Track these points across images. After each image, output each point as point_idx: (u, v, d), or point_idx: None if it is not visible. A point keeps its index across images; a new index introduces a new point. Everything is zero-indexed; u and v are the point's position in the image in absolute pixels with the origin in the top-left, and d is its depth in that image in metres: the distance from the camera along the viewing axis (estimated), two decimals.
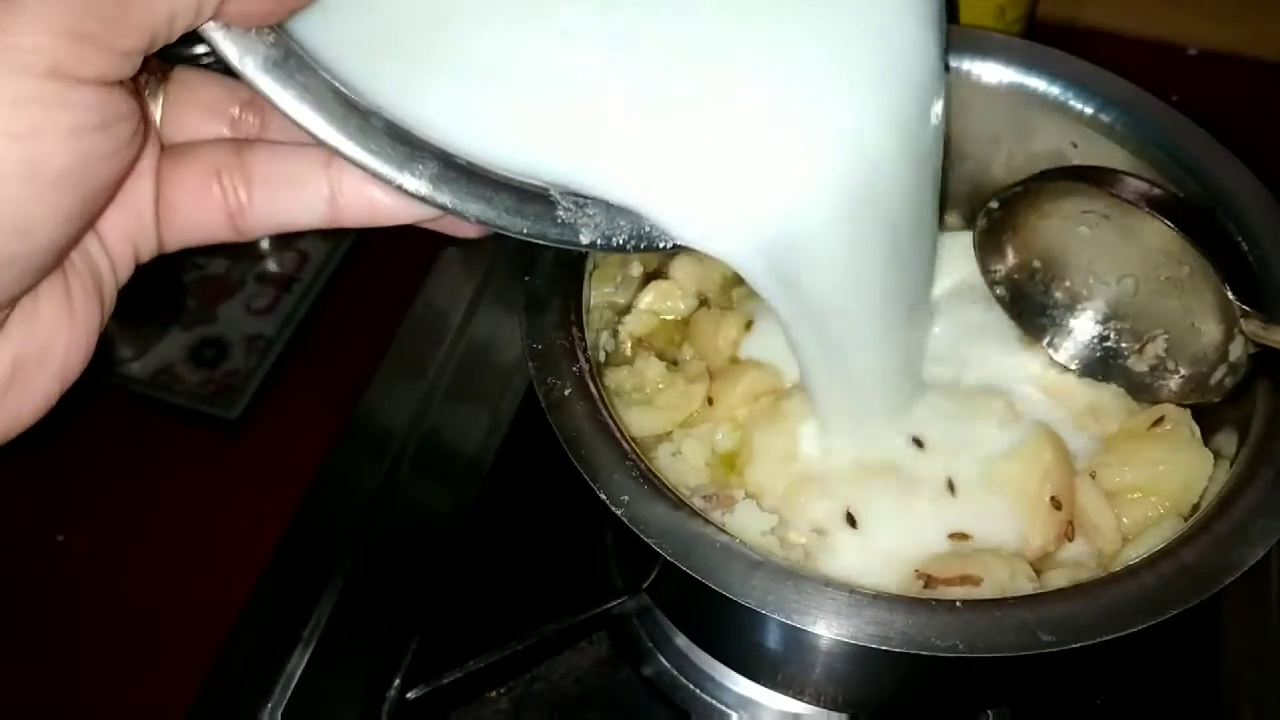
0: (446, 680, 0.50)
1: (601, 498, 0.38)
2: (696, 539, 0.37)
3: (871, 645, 0.35)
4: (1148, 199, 0.43)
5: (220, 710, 0.52)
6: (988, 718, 0.51)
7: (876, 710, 0.50)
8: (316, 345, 0.67)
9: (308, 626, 0.54)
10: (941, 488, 0.45)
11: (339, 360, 0.66)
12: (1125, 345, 0.48)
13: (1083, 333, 0.49)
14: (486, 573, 0.57)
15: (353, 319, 0.68)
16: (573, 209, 0.32)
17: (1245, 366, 0.42)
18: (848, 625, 0.35)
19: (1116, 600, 0.36)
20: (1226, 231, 0.44)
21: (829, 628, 0.35)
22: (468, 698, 0.52)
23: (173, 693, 0.52)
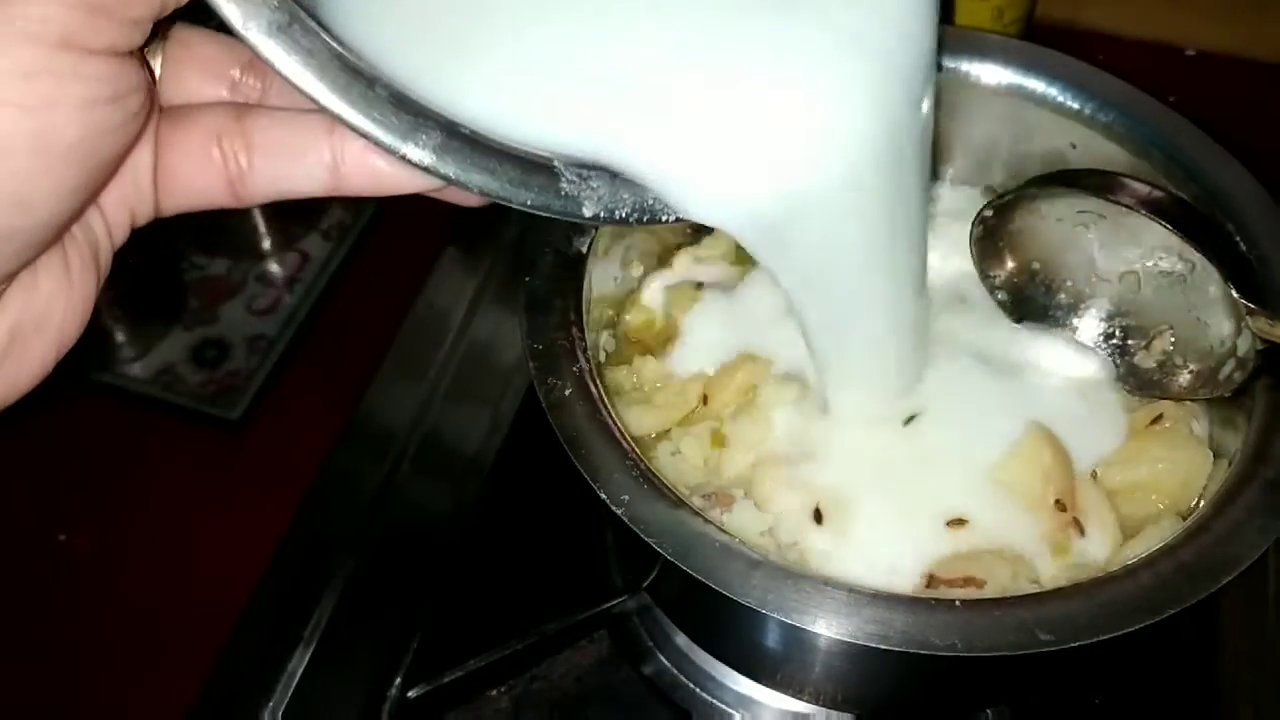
0: (447, 679, 0.51)
1: (602, 497, 0.38)
2: (696, 538, 0.37)
3: (871, 644, 0.35)
4: (1144, 201, 0.43)
5: (222, 709, 0.52)
6: (987, 717, 0.51)
7: (876, 709, 0.50)
8: (318, 346, 0.67)
9: (309, 626, 0.54)
10: (943, 475, 0.45)
11: (340, 361, 0.66)
12: (1132, 342, 0.48)
13: (1088, 332, 0.49)
14: (487, 572, 0.57)
15: (354, 320, 0.68)
16: (576, 181, 0.31)
17: (1254, 361, 0.42)
18: (847, 624, 0.36)
19: (1114, 600, 0.36)
20: (1225, 230, 0.44)
21: (828, 627, 0.36)
22: (468, 696, 0.52)
23: (174, 692, 0.52)
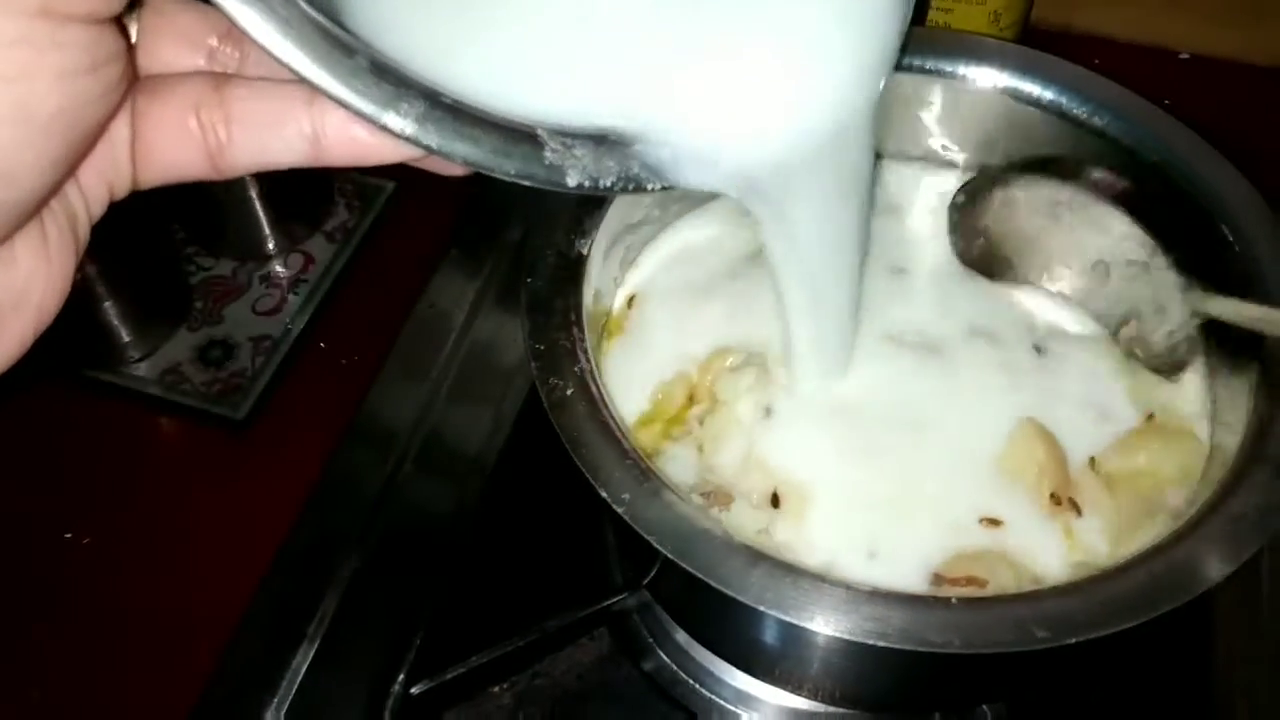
0: (450, 676, 0.51)
1: (602, 496, 0.38)
2: (696, 536, 0.37)
3: (868, 641, 0.36)
4: (1103, 186, 0.43)
5: (225, 708, 0.53)
6: (984, 713, 0.51)
7: (875, 705, 0.51)
8: (321, 346, 0.67)
9: (312, 624, 0.54)
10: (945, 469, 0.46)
11: (343, 361, 0.66)
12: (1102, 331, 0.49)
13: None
14: (489, 570, 0.57)
15: (357, 320, 0.68)
16: (560, 150, 0.31)
17: (1189, 341, 0.43)
18: (845, 621, 0.36)
19: (1110, 597, 0.36)
20: (1198, 215, 0.45)
21: (826, 624, 0.36)
22: (471, 693, 0.53)
23: (177, 691, 0.52)
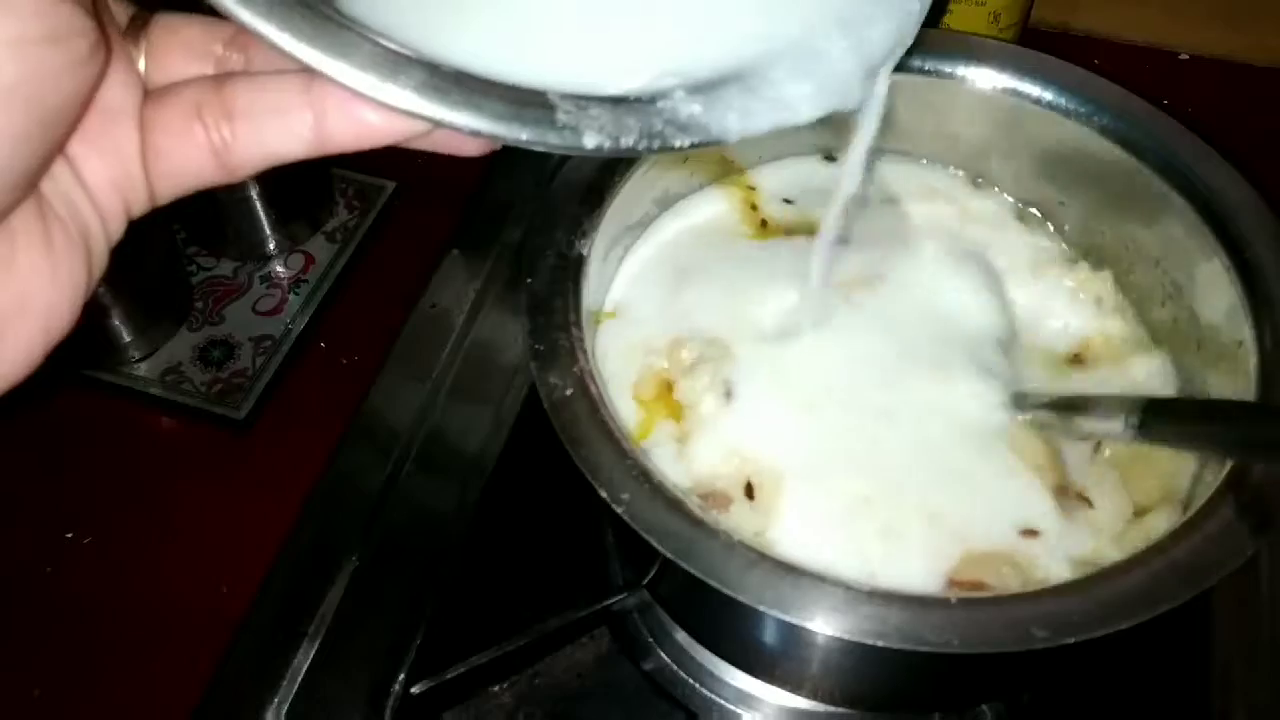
0: (450, 676, 0.51)
1: (602, 495, 0.38)
2: (695, 536, 0.38)
3: (867, 641, 0.36)
4: None
5: (226, 707, 0.53)
6: (984, 713, 0.51)
7: (874, 705, 0.51)
8: (322, 346, 0.67)
9: (313, 623, 0.54)
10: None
11: (344, 361, 0.66)
12: None
13: None
14: (489, 570, 0.57)
15: (357, 320, 0.68)
16: (574, 111, 0.29)
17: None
18: (844, 621, 0.36)
19: (1109, 597, 0.36)
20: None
21: (825, 624, 0.36)
22: (471, 693, 0.53)
23: (178, 690, 0.52)
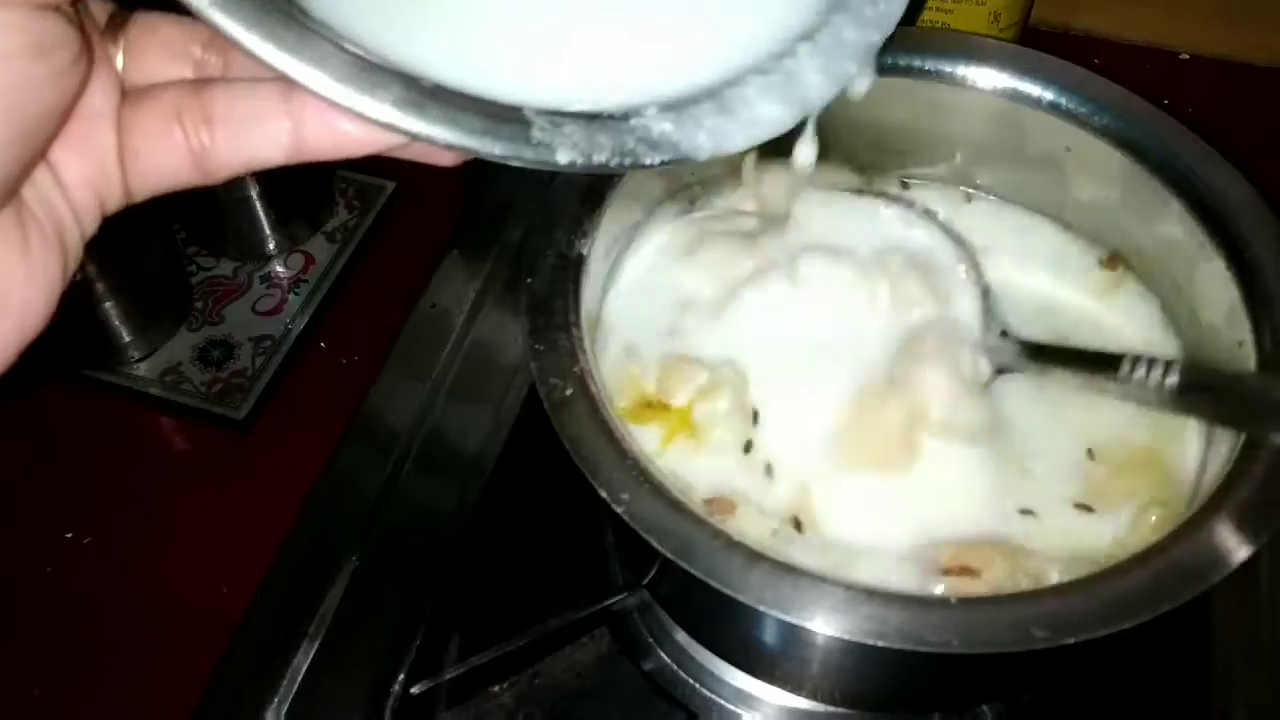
0: (450, 676, 0.51)
1: (602, 495, 0.38)
2: (695, 536, 0.37)
3: (867, 641, 0.36)
4: None
5: (226, 707, 0.53)
6: (984, 713, 0.51)
7: (874, 705, 0.51)
8: (322, 346, 0.67)
9: (313, 623, 0.54)
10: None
11: (344, 361, 0.66)
12: None
13: None
14: (489, 570, 0.57)
15: (357, 320, 0.68)
16: (549, 128, 0.29)
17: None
18: (844, 621, 0.36)
19: (1109, 597, 0.36)
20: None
21: (825, 624, 0.36)
22: (471, 693, 0.53)
23: (178, 690, 0.53)
